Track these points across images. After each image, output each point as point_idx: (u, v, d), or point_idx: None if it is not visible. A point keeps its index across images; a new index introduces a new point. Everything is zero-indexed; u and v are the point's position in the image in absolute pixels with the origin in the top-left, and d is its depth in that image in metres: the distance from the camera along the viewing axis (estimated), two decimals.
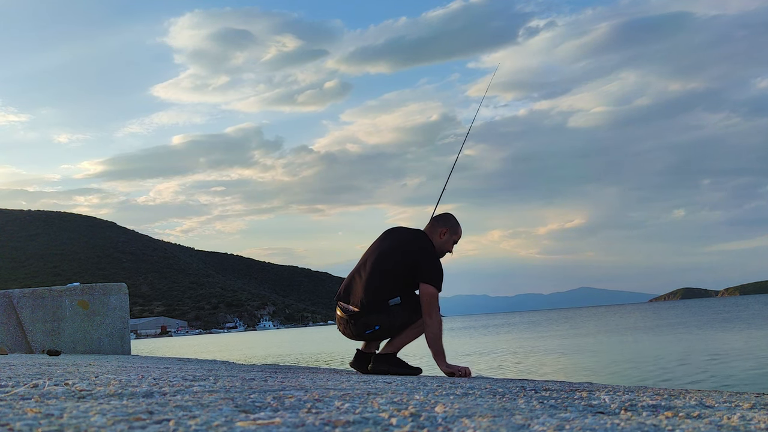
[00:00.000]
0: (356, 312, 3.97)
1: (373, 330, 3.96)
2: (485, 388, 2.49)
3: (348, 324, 4.02)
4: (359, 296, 3.97)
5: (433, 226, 4.15)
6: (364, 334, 3.99)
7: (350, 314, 4.00)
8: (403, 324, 3.98)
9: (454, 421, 1.32)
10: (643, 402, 1.97)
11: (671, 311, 43.29)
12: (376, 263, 4.01)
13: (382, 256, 4.03)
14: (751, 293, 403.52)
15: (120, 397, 1.61)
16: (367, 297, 3.94)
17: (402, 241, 4.08)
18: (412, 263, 3.95)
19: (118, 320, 8.72)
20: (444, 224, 4.15)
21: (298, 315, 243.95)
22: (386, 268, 3.98)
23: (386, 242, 4.12)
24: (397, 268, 3.96)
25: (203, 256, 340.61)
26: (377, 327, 3.95)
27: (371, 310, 3.93)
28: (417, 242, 4.06)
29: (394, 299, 3.95)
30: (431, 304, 3.91)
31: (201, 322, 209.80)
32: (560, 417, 1.46)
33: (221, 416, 1.26)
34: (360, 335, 4.01)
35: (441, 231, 4.12)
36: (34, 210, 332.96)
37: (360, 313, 3.96)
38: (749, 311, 29.77)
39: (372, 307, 3.93)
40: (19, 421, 1.13)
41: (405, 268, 3.95)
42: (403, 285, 3.97)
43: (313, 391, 1.93)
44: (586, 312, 70.85)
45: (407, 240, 4.08)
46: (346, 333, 4.07)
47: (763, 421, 1.51)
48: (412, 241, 4.07)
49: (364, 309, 3.94)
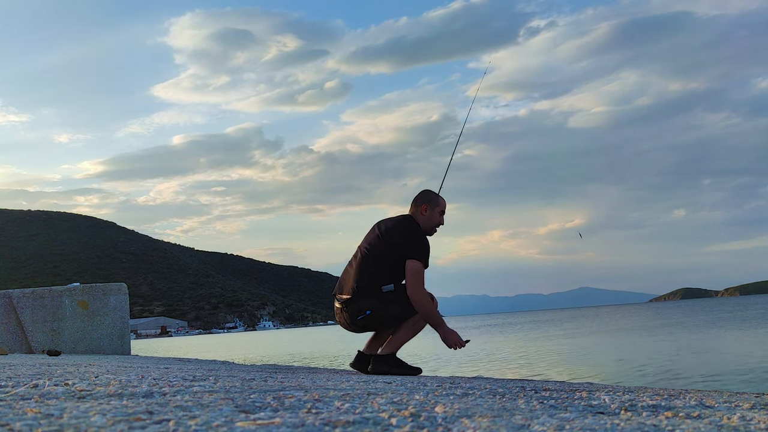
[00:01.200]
0: (349, 298, 4.05)
1: (364, 315, 4.01)
2: (485, 388, 2.49)
3: (342, 312, 4.09)
4: (351, 284, 4.07)
5: (415, 207, 4.23)
6: (357, 320, 4.04)
7: (343, 302, 4.08)
8: (397, 316, 4.02)
9: (454, 421, 1.32)
10: (643, 402, 1.97)
11: (671, 311, 43.29)
12: (366, 253, 4.10)
13: (371, 246, 4.12)
14: (751, 293, 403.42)
15: (120, 397, 1.61)
16: (359, 283, 4.02)
17: (389, 230, 4.14)
18: (400, 252, 4.01)
19: (118, 320, 8.71)
20: (422, 201, 4.22)
21: (298, 315, 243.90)
22: (375, 255, 4.06)
23: (374, 233, 4.20)
24: (387, 256, 4.03)
25: (203, 256, 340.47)
26: (368, 312, 4.00)
27: (363, 295, 4.01)
28: (403, 228, 4.12)
29: (387, 286, 4.02)
30: (416, 278, 3.96)
31: (201, 322, 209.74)
32: (560, 417, 1.46)
33: (221, 416, 1.26)
34: (354, 322, 4.06)
35: (422, 208, 4.20)
36: (34, 210, 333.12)
37: (352, 299, 4.04)
38: (749, 311, 29.77)
39: (363, 292, 4.01)
40: (19, 421, 1.13)
41: (394, 258, 4.02)
42: (394, 272, 4.03)
43: (313, 391, 1.93)
44: (586, 312, 70.86)
45: (393, 228, 4.15)
46: (341, 322, 4.15)
47: (763, 421, 1.51)
48: (398, 228, 4.14)
49: (355, 294, 4.03)
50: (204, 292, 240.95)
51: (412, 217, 4.21)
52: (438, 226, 4.24)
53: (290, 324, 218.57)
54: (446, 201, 4.29)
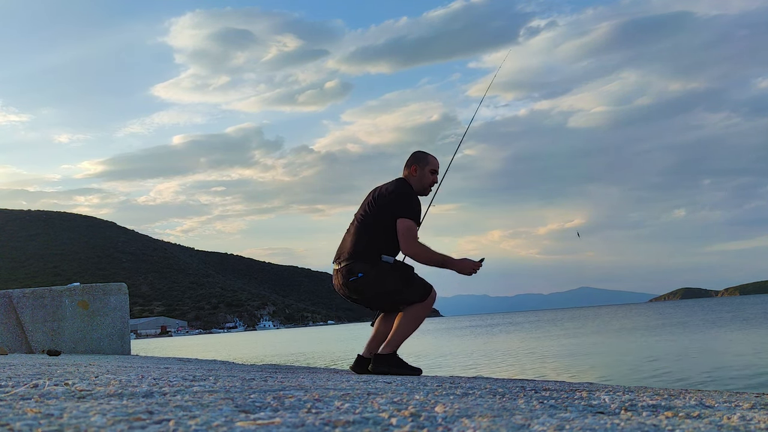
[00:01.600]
0: (346, 261, 4.05)
1: (356, 277, 4.00)
2: (485, 388, 2.49)
3: (337, 274, 4.10)
4: (348, 249, 4.07)
5: (406, 170, 4.24)
6: (349, 282, 4.02)
7: (340, 265, 4.09)
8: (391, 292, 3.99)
9: (454, 421, 1.32)
10: (643, 402, 1.97)
11: (671, 311, 43.27)
12: (361, 219, 4.11)
13: (365, 213, 4.13)
14: (751, 293, 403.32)
15: (120, 397, 1.61)
16: (356, 248, 4.03)
17: (381, 194, 4.14)
18: (391, 216, 4.02)
19: (118, 320, 8.71)
20: (412, 162, 4.22)
21: (298, 315, 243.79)
22: (369, 221, 4.06)
23: (368, 199, 4.20)
24: (379, 222, 4.03)
25: (203, 256, 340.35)
26: (360, 275, 3.99)
27: (358, 258, 4.01)
28: (392, 191, 4.11)
29: (386, 257, 4.01)
30: (407, 235, 3.95)
31: (201, 322, 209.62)
32: (560, 417, 1.46)
33: (221, 416, 1.26)
34: (346, 284, 4.04)
35: (412, 169, 4.20)
36: (34, 210, 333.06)
37: (348, 261, 4.04)
38: (749, 311, 29.75)
39: (359, 255, 4.01)
40: (19, 421, 1.13)
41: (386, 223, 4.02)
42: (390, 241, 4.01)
43: (313, 391, 1.92)
44: (586, 312, 70.84)
45: (384, 191, 4.14)
46: (335, 285, 4.14)
47: (763, 421, 1.51)
48: (388, 191, 4.13)
49: (351, 257, 4.03)
50: (204, 292, 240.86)
51: (405, 179, 4.21)
52: (431, 186, 4.23)
53: (290, 324, 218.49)
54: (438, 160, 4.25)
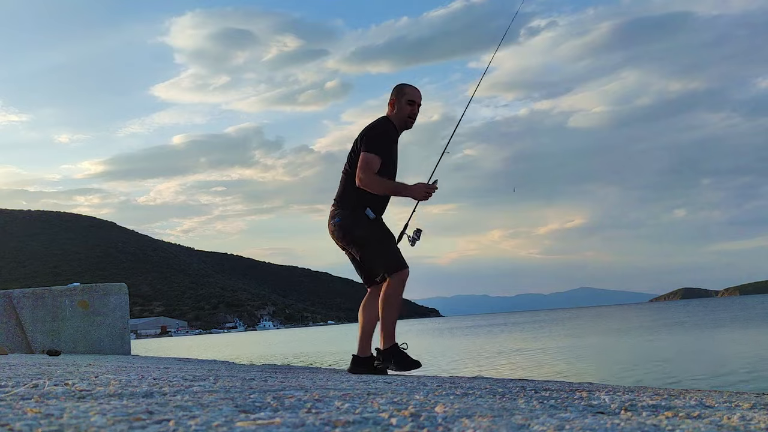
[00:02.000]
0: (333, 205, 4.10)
1: (334, 221, 4.02)
2: (485, 388, 2.49)
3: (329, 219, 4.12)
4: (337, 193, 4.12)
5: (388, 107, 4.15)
6: (329, 224, 4.06)
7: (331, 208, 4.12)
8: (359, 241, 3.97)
9: (454, 421, 1.32)
10: (643, 402, 1.97)
11: (672, 311, 43.27)
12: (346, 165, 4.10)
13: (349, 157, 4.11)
14: (751, 293, 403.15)
15: (120, 397, 1.61)
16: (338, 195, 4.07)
17: (360, 135, 4.08)
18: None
19: (118, 320, 8.72)
20: (391, 96, 4.15)
21: (298, 315, 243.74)
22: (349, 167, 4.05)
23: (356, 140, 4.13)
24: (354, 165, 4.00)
25: (203, 256, 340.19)
26: (338, 220, 4.01)
27: (339, 203, 4.05)
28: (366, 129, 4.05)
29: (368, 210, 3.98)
30: (364, 168, 3.88)
31: (201, 322, 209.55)
32: (560, 417, 1.46)
33: (221, 416, 1.26)
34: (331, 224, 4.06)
35: (390, 103, 4.13)
36: (34, 210, 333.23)
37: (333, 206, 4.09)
38: (749, 311, 29.75)
39: (341, 200, 4.04)
40: (19, 421, 1.13)
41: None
42: None
43: (313, 391, 1.92)
44: (586, 312, 70.84)
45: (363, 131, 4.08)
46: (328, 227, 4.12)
47: (763, 421, 1.51)
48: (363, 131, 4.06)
49: (336, 202, 4.08)
50: (204, 292, 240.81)
51: (387, 117, 4.12)
52: (411, 117, 4.11)
53: (290, 324, 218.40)
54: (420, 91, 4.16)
